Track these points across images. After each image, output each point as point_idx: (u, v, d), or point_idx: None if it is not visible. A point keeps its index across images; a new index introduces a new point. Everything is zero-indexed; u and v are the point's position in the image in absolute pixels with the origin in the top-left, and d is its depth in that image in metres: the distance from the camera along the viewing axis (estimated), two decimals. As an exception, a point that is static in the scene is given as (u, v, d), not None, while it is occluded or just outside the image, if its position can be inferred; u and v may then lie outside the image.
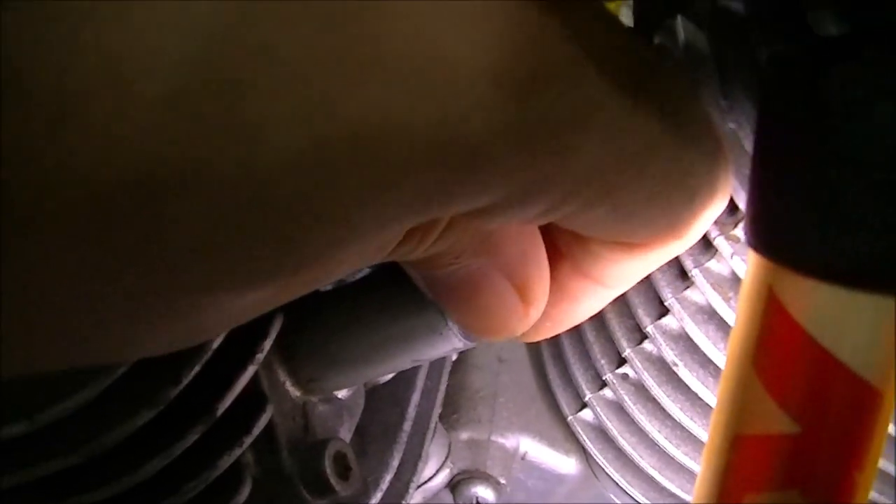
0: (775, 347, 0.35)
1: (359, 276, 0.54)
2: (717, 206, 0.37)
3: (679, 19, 0.49)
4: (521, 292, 0.39)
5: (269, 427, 0.55)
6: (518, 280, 0.39)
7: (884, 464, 0.57)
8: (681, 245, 0.38)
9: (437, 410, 0.69)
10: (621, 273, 0.40)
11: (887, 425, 0.36)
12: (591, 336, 0.69)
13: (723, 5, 0.47)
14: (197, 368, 0.47)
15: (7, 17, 0.20)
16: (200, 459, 0.51)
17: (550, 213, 0.31)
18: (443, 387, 0.70)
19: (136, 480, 0.49)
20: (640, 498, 0.74)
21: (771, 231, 0.34)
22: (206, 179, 0.23)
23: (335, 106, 0.23)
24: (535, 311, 0.40)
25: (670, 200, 0.34)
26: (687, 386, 0.61)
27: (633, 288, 0.62)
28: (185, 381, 0.46)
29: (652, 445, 0.69)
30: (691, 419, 0.63)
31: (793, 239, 0.33)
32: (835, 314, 0.33)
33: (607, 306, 0.65)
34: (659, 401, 0.64)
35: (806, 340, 0.33)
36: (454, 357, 0.75)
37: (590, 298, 0.42)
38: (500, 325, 0.40)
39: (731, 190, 0.37)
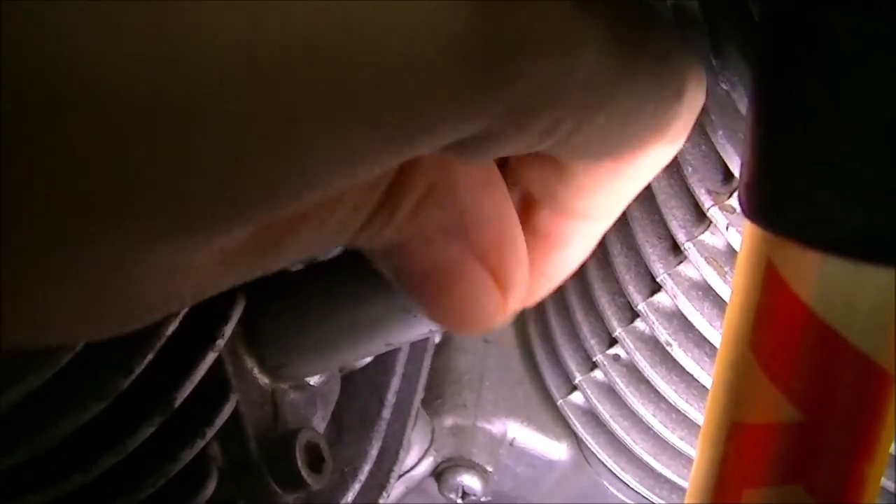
0: (775, 327, 0.32)
1: (328, 256, 0.51)
2: (695, 110, 0.36)
3: (670, -23, 0.47)
4: (499, 280, 0.37)
5: (236, 416, 0.53)
6: (495, 266, 0.37)
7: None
8: (663, 155, 0.37)
9: (419, 396, 0.68)
10: (604, 200, 0.38)
11: (898, 412, 0.33)
12: (580, 315, 0.67)
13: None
14: (150, 356, 0.44)
15: None
16: (161, 452, 0.50)
17: (547, 137, 0.29)
18: (425, 371, 0.69)
19: (88, 478, 0.47)
20: (634, 485, 0.73)
21: (769, 199, 0.32)
22: (120, 99, 0.21)
23: (281, 8, 0.21)
24: (514, 301, 0.38)
25: (656, 105, 0.33)
26: (682, 367, 0.60)
27: (622, 263, 0.60)
28: (138, 371, 0.44)
29: (646, 430, 0.67)
30: (687, 402, 0.62)
31: (794, 207, 0.31)
32: (842, 290, 0.31)
33: (596, 283, 0.63)
34: (652, 382, 0.62)
35: (810, 318, 0.31)
36: (437, 339, 0.73)
37: (577, 239, 0.40)
38: (478, 317, 0.38)
39: (702, 99, 0.36)
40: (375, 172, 0.26)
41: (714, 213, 0.49)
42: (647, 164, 0.37)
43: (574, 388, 0.71)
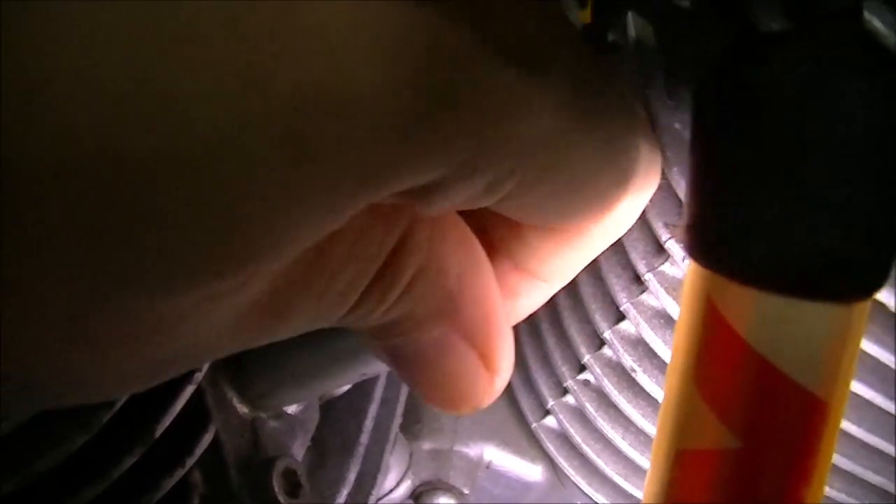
0: (715, 359, 0.34)
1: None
2: (645, 192, 0.37)
3: (630, 15, 0.48)
4: (486, 360, 0.38)
5: (216, 445, 0.54)
6: (482, 347, 0.37)
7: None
8: (613, 230, 0.38)
9: (398, 421, 0.68)
10: (557, 265, 0.39)
11: (835, 436, 0.34)
12: (551, 342, 0.67)
13: (671, 1, 0.46)
14: (131, 390, 0.45)
15: None
16: (142, 482, 0.50)
17: (492, 192, 0.30)
18: (403, 397, 0.69)
19: None
20: (607, 505, 0.73)
21: (707, 238, 0.33)
22: (121, 164, 0.22)
23: (265, 80, 0.23)
24: (501, 381, 0.39)
25: (603, 181, 0.34)
26: (647, 392, 0.60)
27: (589, 293, 0.61)
28: (120, 404, 0.45)
29: (617, 452, 0.68)
30: (653, 425, 0.62)
31: (729, 246, 0.32)
32: (774, 323, 0.32)
33: (565, 311, 0.64)
34: (619, 407, 0.63)
35: (745, 351, 0.33)
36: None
37: (530, 294, 0.41)
38: (465, 397, 0.39)
39: (658, 176, 0.38)
40: (340, 221, 0.27)
41: (671, 245, 0.50)
42: (595, 237, 0.37)
43: (547, 412, 0.72)
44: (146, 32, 0.22)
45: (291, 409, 0.58)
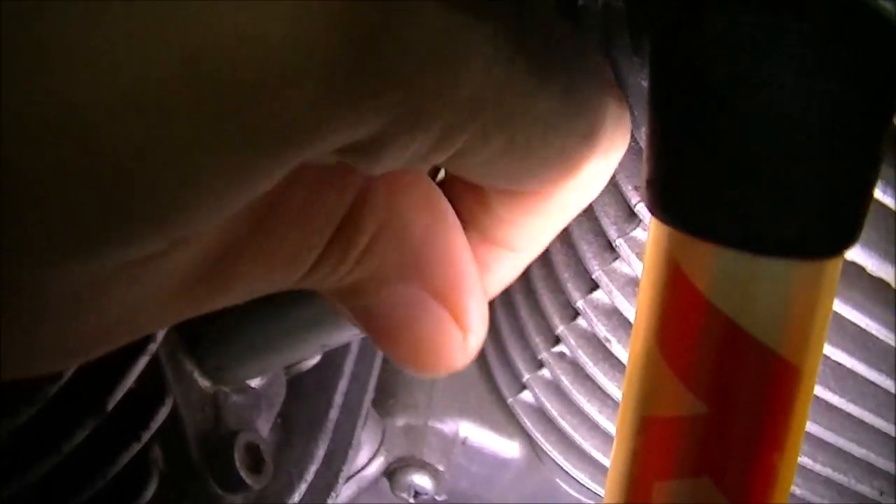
0: (678, 321, 0.33)
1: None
2: (614, 152, 0.35)
3: (599, -26, 0.47)
4: (458, 319, 0.36)
5: (176, 419, 0.53)
6: (453, 305, 0.36)
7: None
8: (581, 195, 0.36)
9: (369, 396, 0.68)
10: (525, 233, 0.38)
11: (808, 402, 0.33)
12: (524, 313, 0.66)
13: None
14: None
15: None
16: (96, 456, 0.50)
17: (441, 149, 0.28)
18: (375, 371, 0.68)
19: (24, 482, 0.47)
20: (586, 481, 0.72)
21: (668, 194, 0.32)
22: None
23: (169, 41, 0.21)
24: (476, 339, 0.37)
25: (565, 137, 0.32)
26: (622, 363, 0.59)
27: (560, 261, 0.60)
28: (67, 376, 0.44)
29: (594, 426, 0.67)
30: None
31: (691, 202, 0.31)
32: (739, 282, 0.31)
33: (538, 281, 0.63)
34: (595, 380, 0.62)
35: (709, 311, 0.31)
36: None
37: (501, 266, 0.39)
38: (438, 357, 0.37)
39: (627, 136, 0.36)
40: (266, 183, 0.26)
41: (641, 209, 0.49)
42: (563, 202, 0.36)
43: (523, 386, 0.71)
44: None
45: (255, 382, 0.57)
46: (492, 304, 0.71)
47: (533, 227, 0.37)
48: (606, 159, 0.35)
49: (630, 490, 0.35)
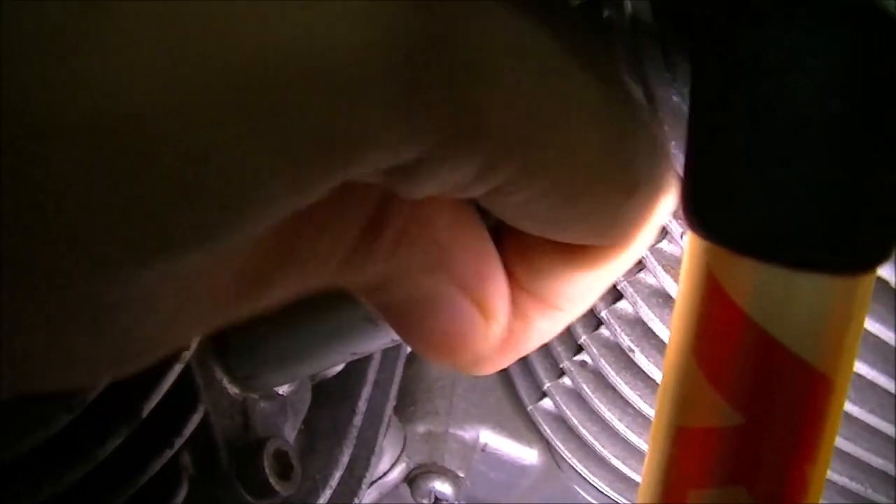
0: (715, 334, 0.33)
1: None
2: (663, 207, 0.34)
3: (626, -10, 0.47)
4: (481, 307, 0.36)
5: (206, 427, 0.53)
6: (476, 294, 0.36)
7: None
8: (627, 252, 0.35)
9: (392, 403, 0.68)
10: (568, 290, 0.37)
11: (839, 414, 0.34)
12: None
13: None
14: (115, 369, 0.44)
15: None
16: (130, 462, 0.50)
17: (483, 181, 0.28)
18: (397, 378, 0.69)
19: (59, 488, 0.47)
20: (604, 488, 0.73)
21: (705, 209, 0.32)
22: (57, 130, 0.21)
23: (231, 30, 0.21)
24: (498, 327, 0.37)
25: (612, 189, 0.31)
26: (645, 372, 0.59)
27: None
28: (103, 384, 0.44)
29: (614, 434, 0.67)
30: (651, 406, 0.61)
31: (729, 216, 0.31)
32: (776, 296, 0.31)
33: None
34: (617, 388, 0.62)
35: (747, 325, 0.32)
36: (410, 348, 0.73)
37: (542, 319, 0.38)
38: (464, 346, 0.37)
39: (674, 188, 0.34)
40: (318, 192, 0.25)
41: (669, 222, 0.50)
42: (606, 263, 0.36)
43: (544, 394, 0.71)
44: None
45: (283, 390, 0.58)
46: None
47: (574, 284, 0.37)
48: (652, 216, 0.34)
49: (664, 495, 0.35)
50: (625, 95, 0.31)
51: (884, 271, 0.48)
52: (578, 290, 0.37)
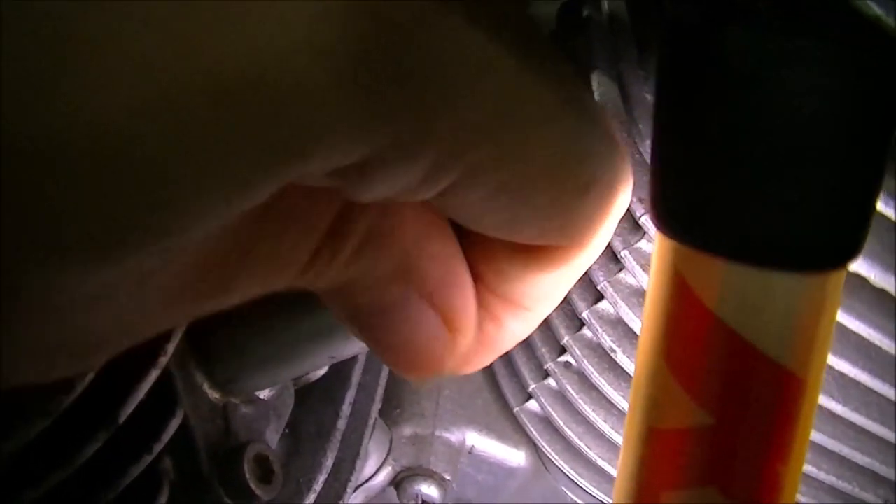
0: (684, 335, 0.33)
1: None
2: (618, 205, 0.34)
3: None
4: (447, 320, 0.36)
5: (186, 431, 0.53)
6: (443, 306, 0.36)
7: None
8: (584, 253, 0.36)
9: (377, 406, 0.68)
10: (531, 291, 0.37)
11: (812, 413, 0.34)
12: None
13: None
14: (92, 375, 0.44)
15: None
16: (109, 468, 0.50)
17: (432, 182, 0.28)
18: (382, 381, 0.69)
19: (38, 493, 0.47)
20: (592, 490, 0.72)
21: (673, 209, 0.32)
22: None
23: (190, 53, 0.22)
24: (464, 340, 0.37)
25: (565, 188, 0.32)
26: (627, 373, 0.59)
27: None
28: (80, 388, 0.44)
29: (599, 435, 0.67)
30: None
31: (696, 216, 0.31)
32: (745, 295, 0.31)
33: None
34: (601, 389, 0.62)
35: (715, 325, 0.32)
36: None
37: (513, 320, 0.39)
38: (428, 358, 0.37)
39: (631, 187, 0.35)
40: (271, 190, 0.26)
41: (646, 221, 0.50)
42: (566, 264, 0.36)
43: (529, 396, 0.71)
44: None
45: (264, 394, 0.58)
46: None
47: (537, 285, 0.37)
48: (608, 215, 0.34)
49: (637, 498, 0.35)
50: (576, 94, 0.31)
51: (863, 268, 0.48)
52: (542, 290, 0.37)
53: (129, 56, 0.22)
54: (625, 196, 0.34)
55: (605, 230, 0.35)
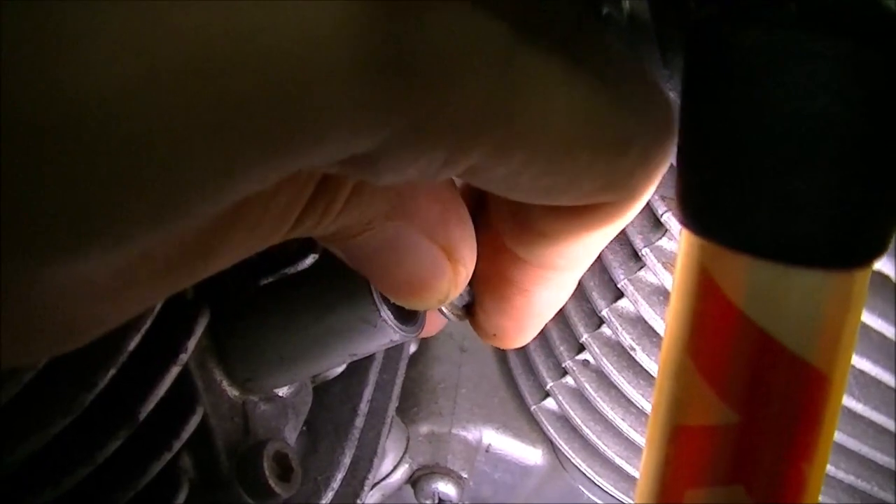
0: (710, 331, 0.33)
1: (294, 270, 0.52)
2: (659, 158, 0.34)
3: (624, -13, 0.47)
4: (447, 251, 0.37)
5: (205, 429, 0.53)
6: (441, 239, 0.37)
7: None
8: (624, 208, 0.35)
9: (394, 404, 0.68)
10: (568, 250, 0.38)
11: (837, 411, 0.33)
12: (549, 322, 0.66)
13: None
14: (112, 372, 0.44)
15: None
16: (130, 465, 0.50)
17: (454, 164, 0.28)
18: (399, 380, 0.68)
19: (58, 491, 0.47)
20: (609, 488, 0.72)
21: (700, 206, 0.32)
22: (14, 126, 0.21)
23: (171, 28, 0.21)
24: (465, 270, 0.38)
25: (598, 150, 0.31)
26: (647, 371, 0.59)
27: (586, 270, 0.60)
28: (101, 385, 0.44)
29: (617, 434, 0.67)
30: None
31: (723, 214, 0.31)
32: (771, 293, 0.31)
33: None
34: (620, 387, 0.62)
35: (742, 322, 0.31)
36: (413, 349, 0.73)
37: (545, 287, 0.40)
38: (429, 287, 0.38)
39: (673, 139, 0.34)
40: (266, 183, 0.25)
41: (668, 218, 0.49)
42: (604, 220, 0.35)
43: (547, 394, 0.71)
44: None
45: (283, 392, 0.57)
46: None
47: (575, 243, 0.37)
48: (647, 168, 0.34)
49: (661, 495, 0.35)
50: (600, 56, 0.31)
51: (885, 266, 0.47)
52: (582, 248, 0.37)
53: (125, 37, 0.21)
54: (669, 146, 0.34)
55: (647, 185, 0.34)
